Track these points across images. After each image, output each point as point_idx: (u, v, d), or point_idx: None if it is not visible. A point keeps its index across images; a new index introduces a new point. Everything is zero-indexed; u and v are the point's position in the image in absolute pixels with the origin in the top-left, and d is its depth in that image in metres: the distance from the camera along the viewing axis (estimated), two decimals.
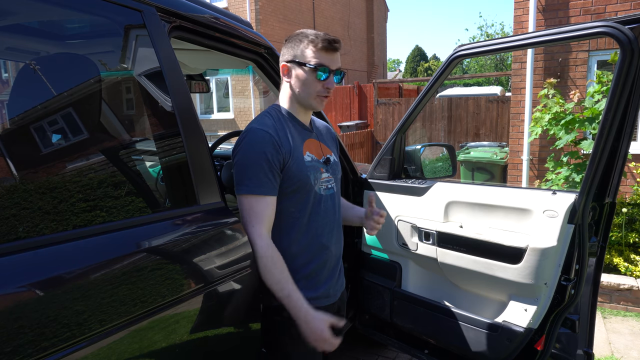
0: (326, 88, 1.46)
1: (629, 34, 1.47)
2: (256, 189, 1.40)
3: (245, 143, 1.43)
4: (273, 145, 1.40)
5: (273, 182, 1.42)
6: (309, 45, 1.43)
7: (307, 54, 1.43)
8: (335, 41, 1.44)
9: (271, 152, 1.40)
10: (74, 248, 1.00)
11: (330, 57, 1.44)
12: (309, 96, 1.47)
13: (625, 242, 3.89)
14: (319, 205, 1.52)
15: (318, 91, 1.46)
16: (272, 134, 1.42)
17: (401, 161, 2.28)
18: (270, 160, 1.40)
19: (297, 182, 1.46)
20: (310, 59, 1.43)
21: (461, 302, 1.99)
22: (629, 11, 4.90)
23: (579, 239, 1.66)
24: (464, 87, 16.31)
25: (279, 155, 1.41)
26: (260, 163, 1.39)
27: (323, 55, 1.43)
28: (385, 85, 12.70)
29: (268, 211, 1.42)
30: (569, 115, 3.73)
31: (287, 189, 1.46)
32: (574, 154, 3.76)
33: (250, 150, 1.41)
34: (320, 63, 1.43)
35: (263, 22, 12.50)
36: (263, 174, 1.40)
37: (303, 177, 1.47)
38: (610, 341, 3.13)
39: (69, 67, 1.19)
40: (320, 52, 1.43)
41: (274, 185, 1.42)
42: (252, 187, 1.40)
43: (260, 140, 1.41)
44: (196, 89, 2.42)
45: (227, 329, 1.39)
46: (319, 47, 1.42)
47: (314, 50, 1.43)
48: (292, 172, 1.45)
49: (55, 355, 0.90)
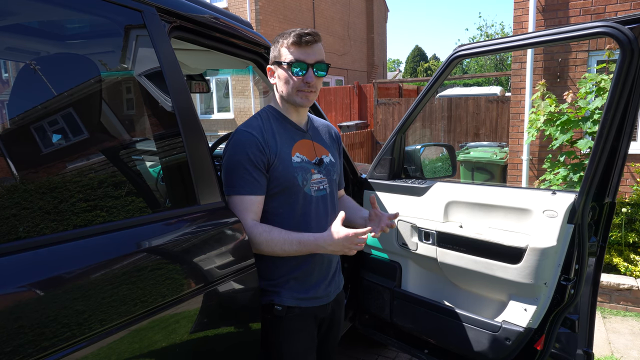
0: (305, 83, 1.45)
1: (629, 34, 1.47)
2: (241, 189, 1.44)
3: (230, 145, 1.48)
4: (256, 146, 1.43)
5: (258, 181, 1.45)
6: (283, 43, 1.46)
7: (282, 52, 1.46)
8: (306, 34, 1.43)
9: (254, 152, 1.43)
10: (74, 248, 1.00)
11: (305, 51, 1.44)
12: (291, 93, 1.48)
13: (625, 242, 3.89)
14: (309, 206, 1.52)
15: (298, 87, 1.46)
16: (256, 135, 1.45)
17: (401, 161, 2.28)
18: (253, 160, 1.43)
19: (283, 182, 1.47)
20: (285, 57, 1.45)
21: (461, 302, 1.99)
22: (629, 11, 4.90)
23: (578, 238, 1.66)
24: (463, 87, 16.31)
25: (263, 155, 1.44)
26: (244, 164, 1.43)
27: (296, 51, 1.44)
28: (385, 85, 12.69)
29: (254, 207, 1.46)
30: (564, 116, 3.74)
31: (273, 189, 1.48)
32: (571, 153, 3.77)
33: (234, 152, 1.45)
34: (294, 59, 1.43)
35: (263, 22, 12.50)
36: (247, 175, 1.43)
37: (289, 177, 1.48)
38: (610, 341, 3.13)
39: (69, 67, 1.19)
40: (293, 47, 1.44)
41: (259, 184, 1.45)
42: (237, 187, 1.44)
43: (244, 141, 1.44)
44: (196, 89, 2.42)
45: (227, 329, 1.39)
46: (290, 42, 1.44)
47: (287, 47, 1.45)
48: (278, 172, 1.46)
49: (55, 355, 0.90)
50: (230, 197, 1.46)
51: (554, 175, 3.81)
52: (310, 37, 1.43)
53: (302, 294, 1.52)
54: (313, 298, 1.55)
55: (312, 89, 1.47)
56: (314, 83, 1.46)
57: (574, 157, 3.76)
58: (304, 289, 1.53)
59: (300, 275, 1.52)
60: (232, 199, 1.45)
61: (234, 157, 1.45)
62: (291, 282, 1.51)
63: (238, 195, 1.44)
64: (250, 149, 1.43)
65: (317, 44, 1.46)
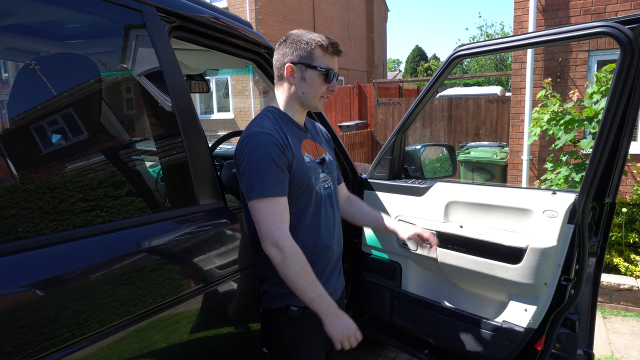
0: (330, 90, 1.50)
1: (629, 34, 1.47)
2: (270, 191, 1.37)
3: (249, 148, 1.40)
4: (277, 147, 1.39)
5: (284, 182, 1.40)
6: (317, 48, 1.44)
7: (316, 56, 1.45)
8: (337, 44, 1.48)
9: (277, 153, 1.38)
10: (74, 248, 1.00)
11: (334, 61, 1.49)
12: (314, 98, 1.49)
13: (625, 242, 3.89)
14: (320, 206, 1.52)
15: (323, 93, 1.49)
16: (274, 136, 1.40)
17: (401, 161, 2.28)
18: (277, 161, 1.38)
19: (301, 184, 1.46)
20: (321, 62, 1.45)
21: (461, 302, 1.99)
22: (629, 11, 4.90)
23: (579, 239, 1.66)
24: (464, 87, 16.30)
25: (284, 156, 1.40)
26: (269, 165, 1.37)
27: (330, 59, 1.47)
28: (385, 85, 12.69)
29: (286, 212, 1.41)
30: (568, 115, 3.74)
31: (292, 190, 1.44)
32: (574, 153, 3.76)
33: (255, 155, 1.38)
34: (329, 67, 1.46)
35: (263, 22, 12.49)
36: (274, 176, 1.38)
37: (305, 178, 1.46)
38: (610, 341, 3.13)
39: (69, 67, 1.19)
40: (329, 55, 1.47)
41: (285, 186, 1.41)
42: (265, 190, 1.36)
43: (264, 143, 1.38)
44: (196, 89, 2.42)
45: (227, 329, 1.39)
46: (329, 51, 1.46)
47: (323, 54, 1.45)
48: (296, 174, 1.44)
49: (55, 355, 0.90)
50: (259, 202, 1.37)
51: (555, 174, 3.81)
52: (339, 47, 1.48)
53: None
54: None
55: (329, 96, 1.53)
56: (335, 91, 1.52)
57: (576, 156, 3.76)
58: None
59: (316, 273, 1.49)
60: (261, 202, 1.37)
61: (256, 159, 1.37)
62: None
63: (268, 197, 1.36)
64: (272, 149, 1.38)
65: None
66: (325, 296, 1.41)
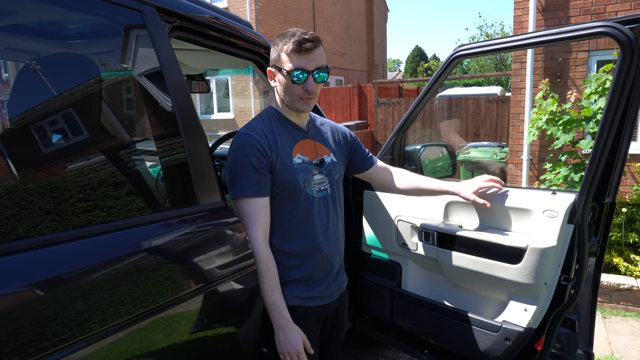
0: (306, 90, 1.43)
1: (629, 34, 1.47)
2: (245, 192, 1.42)
3: (232, 148, 1.47)
4: (257, 149, 1.42)
5: (262, 183, 1.43)
6: (282, 49, 1.42)
7: (282, 58, 1.43)
8: (305, 41, 1.38)
9: (255, 154, 1.41)
10: (74, 248, 1.00)
11: (305, 58, 1.40)
12: (292, 99, 1.47)
13: (625, 242, 3.89)
14: (311, 208, 1.52)
15: (299, 94, 1.44)
16: (257, 138, 1.43)
17: (401, 161, 2.28)
18: (254, 163, 1.41)
19: (285, 184, 1.47)
20: (285, 64, 1.42)
21: (461, 302, 1.99)
22: (629, 11, 4.90)
23: (578, 238, 1.66)
24: (464, 87, 16.30)
25: (264, 157, 1.43)
26: (246, 166, 1.42)
27: (296, 58, 1.40)
28: (385, 85, 12.69)
29: (261, 213, 1.44)
30: (567, 116, 3.74)
31: (275, 192, 1.47)
32: (572, 153, 3.77)
33: (236, 155, 1.44)
34: (294, 67, 1.40)
35: (263, 22, 12.50)
36: (250, 177, 1.42)
37: (291, 180, 1.47)
38: (610, 341, 3.13)
39: (69, 67, 1.19)
40: (293, 55, 1.40)
41: (263, 186, 1.44)
42: (241, 190, 1.43)
43: (244, 144, 1.43)
44: (196, 89, 2.42)
45: (227, 329, 1.39)
46: (290, 50, 1.39)
47: (287, 54, 1.41)
48: (280, 175, 1.46)
49: (55, 355, 0.90)
50: (236, 201, 1.45)
51: (554, 175, 3.81)
52: (310, 43, 1.38)
53: (304, 293, 1.52)
54: (315, 297, 1.55)
55: (312, 96, 1.46)
56: (313, 90, 1.44)
57: (575, 157, 3.76)
58: (306, 288, 1.53)
59: (305, 275, 1.52)
60: (238, 203, 1.44)
61: (236, 159, 1.44)
62: (295, 281, 1.51)
63: (243, 198, 1.42)
64: (251, 150, 1.42)
65: (317, 49, 1.41)
66: (280, 306, 1.42)
